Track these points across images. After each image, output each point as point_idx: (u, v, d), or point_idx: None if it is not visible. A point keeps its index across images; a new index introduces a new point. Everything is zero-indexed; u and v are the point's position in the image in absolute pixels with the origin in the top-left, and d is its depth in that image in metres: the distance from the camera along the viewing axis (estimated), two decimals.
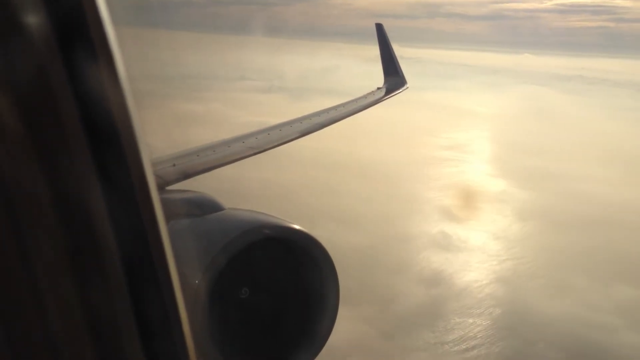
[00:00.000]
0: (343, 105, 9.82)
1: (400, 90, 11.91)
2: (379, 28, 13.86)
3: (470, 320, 21.96)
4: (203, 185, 4.87)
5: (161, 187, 4.74)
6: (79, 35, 0.98)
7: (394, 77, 12.53)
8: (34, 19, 0.93)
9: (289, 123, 8.02)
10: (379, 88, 11.77)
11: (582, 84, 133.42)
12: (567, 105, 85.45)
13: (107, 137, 1.03)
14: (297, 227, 3.64)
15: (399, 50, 13.36)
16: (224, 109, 63.31)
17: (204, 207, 3.94)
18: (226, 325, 3.49)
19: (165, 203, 3.62)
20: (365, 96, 10.92)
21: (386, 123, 51.77)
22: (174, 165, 5.42)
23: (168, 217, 3.02)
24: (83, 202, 1.01)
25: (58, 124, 0.96)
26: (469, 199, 38.11)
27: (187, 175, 5.28)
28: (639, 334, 21.42)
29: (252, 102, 73.97)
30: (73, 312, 1.01)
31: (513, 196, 38.90)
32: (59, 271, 0.99)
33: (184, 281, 2.62)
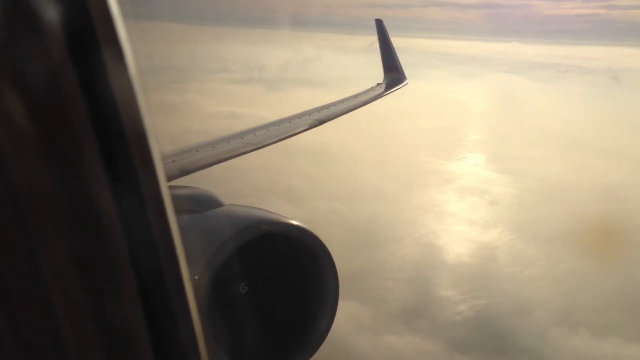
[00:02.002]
0: (342, 101, 9.87)
1: (400, 86, 11.99)
2: (379, 24, 13.85)
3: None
4: (202, 181, 4.89)
5: None
6: (89, 34, 0.98)
7: (393, 73, 12.57)
8: (43, 19, 0.92)
9: (289, 119, 8.07)
10: (378, 84, 11.88)
11: (557, 72, 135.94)
12: (528, 93, 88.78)
13: (118, 138, 1.03)
14: (296, 223, 3.66)
15: (392, 41, 13.50)
16: (198, 99, 65.98)
17: (204, 203, 3.94)
18: (225, 321, 3.48)
19: None
20: (365, 92, 10.97)
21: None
22: (174, 161, 5.49)
23: None
24: (94, 204, 1.00)
25: (68, 125, 0.96)
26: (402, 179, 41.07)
27: (186, 172, 5.32)
28: None
29: (227, 93, 76.03)
30: (84, 316, 1.01)
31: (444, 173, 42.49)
32: (70, 274, 0.98)
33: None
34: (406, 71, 12.90)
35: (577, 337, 20.71)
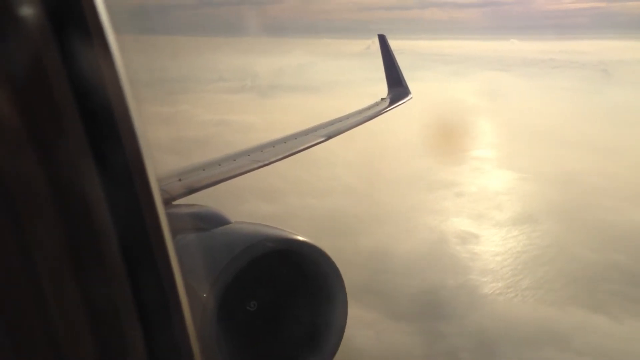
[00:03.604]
0: (347, 117, 9.94)
1: (404, 100, 11.96)
2: (382, 39, 13.88)
3: None
4: (209, 199, 4.91)
5: (167, 202, 4.79)
6: (75, 25, 0.97)
7: (397, 88, 12.60)
8: (28, 8, 0.91)
9: (295, 136, 8.10)
10: (382, 99, 11.87)
11: (547, 67, 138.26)
12: (509, 89, 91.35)
13: (105, 126, 1.02)
14: (303, 239, 3.69)
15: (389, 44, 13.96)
16: (190, 109, 68.52)
17: (211, 221, 4.00)
18: (235, 338, 3.50)
19: (171, 218, 4.01)
20: (369, 107, 11.01)
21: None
22: (180, 179, 5.47)
23: (175, 232, 3.33)
24: (82, 193, 0.99)
25: (55, 115, 0.95)
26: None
27: (193, 190, 5.32)
28: None
29: (219, 101, 78.51)
30: (74, 305, 0.99)
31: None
32: (59, 264, 0.97)
33: (192, 295, 3.25)
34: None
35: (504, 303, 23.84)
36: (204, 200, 4.90)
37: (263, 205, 32.58)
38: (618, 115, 67.01)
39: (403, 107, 12.05)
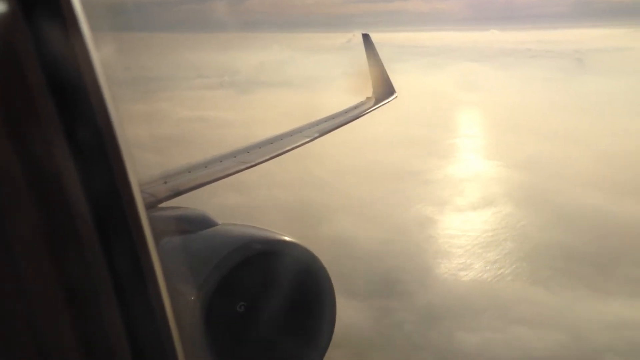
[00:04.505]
0: (333, 117, 9.89)
1: (390, 99, 11.95)
2: (366, 38, 13.89)
3: None
4: (196, 201, 4.88)
5: (153, 205, 4.79)
6: (47, 11, 0.95)
7: (382, 87, 12.59)
8: None
9: (281, 137, 8.11)
10: (368, 98, 11.87)
11: (522, 57, 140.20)
12: (480, 80, 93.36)
13: (79, 111, 1.00)
14: (290, 239, 3.71)
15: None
16: (168, 107, 69.06)
17: (198, 223, 4.01)
18: (224, 340, 3.48)
19: (158, 220, 4.28)
20: (355, 106, 11.00)
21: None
22: (165, 182, 5.41)
23: (162, 235, 3.76)
24: (54, 170, 0.98)
25: (25, 92, 0.93)
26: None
27: (179, 193, 5.28)
28: None
29: (198, 98, 79.08)
30: (52, 289, 0.98)
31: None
32: (36, 246, 0.97)
33: (180, 298, 3.22)
34: (365, 66, 13.22)
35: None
36: (190, 202, 4.89)
37: (231, 197, 34.05)
38: (584, 104, 69.33)
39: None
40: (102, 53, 1.04)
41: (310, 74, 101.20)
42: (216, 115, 67.07)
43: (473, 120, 65.62)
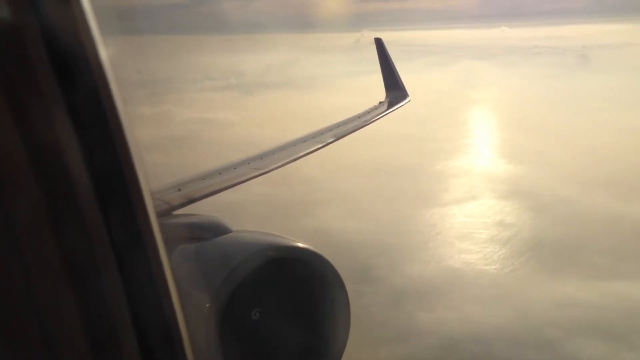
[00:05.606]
0: (345, 122, 9.93)
1: (403, 103, 12.01)
2: (379, 43, 13.96)
3: None
4: (210, 208, 4.98)
5: (167, 212, 4.84)
6: None
7: (395, 91, 12.63)
8: None
9: (293, 143, 8.16)
10: (381, 102, 11.92)
11: (528, 54, 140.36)
12: (479, 78, 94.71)
13: (77, 79, 1.00)
14: (305, 246, 3.74)
15: (377, 35, 14.28)
16: (173, 109, 70.85)
17: (212, 230, 4.04)
18: (238, 347, 3.54)
19: (172, 227, 4.35)
20: (367, 111, 11.05)
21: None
22: (179, 189, 5.52)
23: (176, 242, 3.76)
24: (58, 149, 0.98)
25: (28, 70, 0.93)
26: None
27: (193, 200, 5.36)
28: None
29: (203, 100, 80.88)
30: (56, 271, 0.98)
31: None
32: (39, 225, 0.96)
33: (194, 304, 3.31)
34: (373, 66, 13.63)
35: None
36: (205, 210, 4.91)
37: (224, 195, 36.01)
38: (580, 101, 70.61)
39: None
40: (110, 56, 1.06)
41: (319, 75, 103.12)
42: (220, 117, 68.89)
43: (471, 119, 67.27)
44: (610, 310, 21.71)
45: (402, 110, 11.80)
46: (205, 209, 4.92)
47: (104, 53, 1.03)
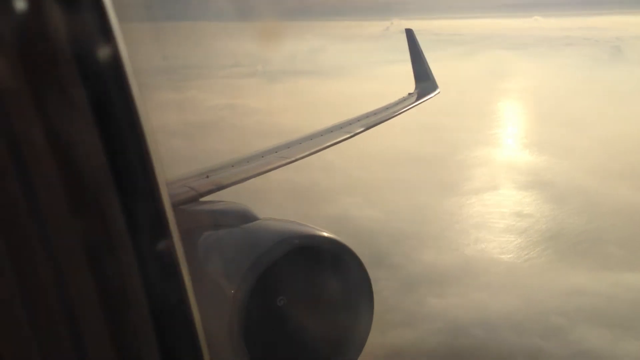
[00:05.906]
0: (374, 112, 9.90)
1: (432, 95, 11.99)
2: (409, 33, 13.96)
3: None
4: (236, 196, 5.01)
5: (195, 199, 4.90)
6: None
7: (425, 82, 12.63)
8: None
9: (321, 132, 8.17)
10: (410, 93, 11.87)
11: (559, 45, 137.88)
12: (504, 70, 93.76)
13: (103, 84, 1.03)
14: (331, 235, 3.76)
15: (407, 24, 16.36)
16: (199, 95, 71.95)
17: (239, 217, 4.08)
18: (262, 334, 3.57)
19: (198, 214, 4.45)
20: (396, 102, 11.00)
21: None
22: (207, 177, 5.57)
23: (202, 228, 4.04)
24: (81, 145, 1.00)
25: (53, 69, 0.96)
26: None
27: (221, 187, 5.38)
28: None
29: (229, 87, 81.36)
30: (78, 258, 1.01)
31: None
32: (63, 215, 0.99)
33: (219, 291, 3.46)
34: (402, 55, 13.71)
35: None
36: (232, 197, 4.95)
37: (251, 182, 36.60)
38: (609, 93, 69.63)
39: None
40: (142, 42, 1.30)
41: (346, 63, 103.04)
42: (245, 103, 69.50)
43: (499, 110, 66.88)
44: (618, 300, 22.01)
45: (430, 100, 11.98)
46: (232, 197, 4.98)
47: (122, 42, 1.06)
